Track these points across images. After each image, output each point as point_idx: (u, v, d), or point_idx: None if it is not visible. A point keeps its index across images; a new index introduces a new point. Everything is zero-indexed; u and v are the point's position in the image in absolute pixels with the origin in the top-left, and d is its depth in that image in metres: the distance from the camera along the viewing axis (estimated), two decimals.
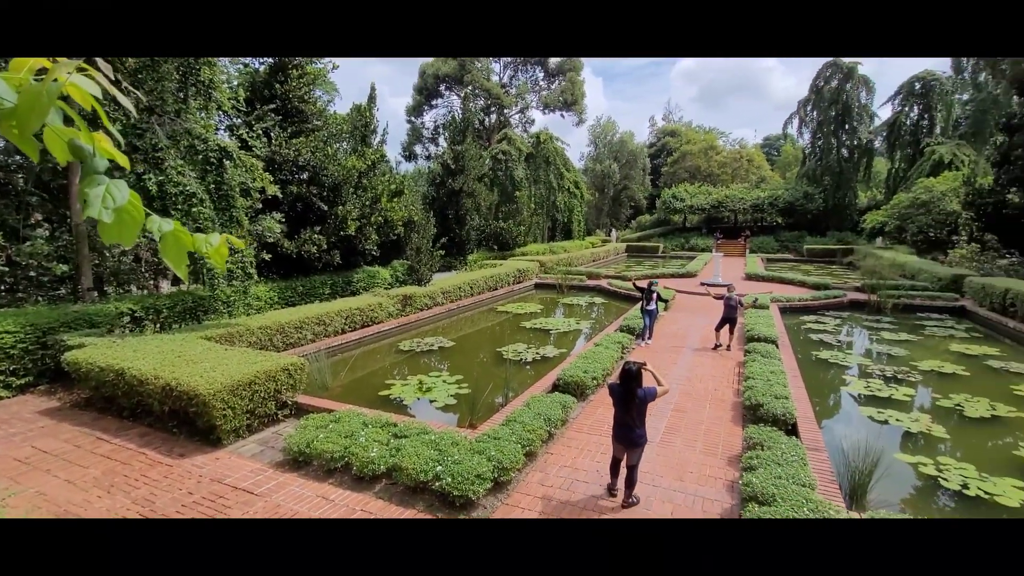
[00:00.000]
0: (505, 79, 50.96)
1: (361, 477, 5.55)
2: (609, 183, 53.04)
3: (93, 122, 6.96)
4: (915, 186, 30.39)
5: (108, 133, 1.27)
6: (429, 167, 35.29)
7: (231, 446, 6.51)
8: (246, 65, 15.07)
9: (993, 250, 20.68)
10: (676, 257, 37.70)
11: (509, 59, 50.80)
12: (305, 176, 14.97)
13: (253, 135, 13.57)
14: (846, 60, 40.59)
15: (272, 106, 14.38)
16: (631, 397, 4.83)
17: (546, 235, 37.99)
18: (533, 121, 51.23)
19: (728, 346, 11.08)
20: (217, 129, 13.52)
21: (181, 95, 10.43)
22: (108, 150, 1.17)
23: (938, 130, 37.95)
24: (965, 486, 5.85)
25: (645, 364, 5.08)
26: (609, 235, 46.60)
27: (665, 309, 15.33)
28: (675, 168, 55.04)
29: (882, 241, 32.60)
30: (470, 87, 44.38)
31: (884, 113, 41.56)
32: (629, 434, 4.88)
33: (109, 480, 5.65)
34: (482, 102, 47.01)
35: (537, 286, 22.35)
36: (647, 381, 5.09)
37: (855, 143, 40.44)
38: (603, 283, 21.00)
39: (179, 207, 9.50)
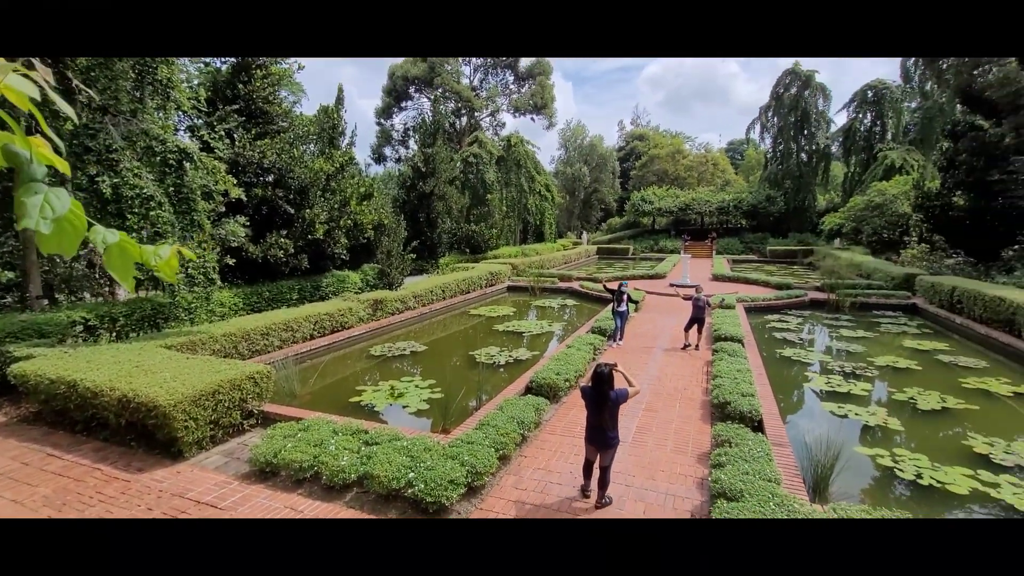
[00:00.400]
0: (476, 82, 50.92)
1: (331, 486, 5.43)
2: (580, 186, 53.60)
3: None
4: (869, 189, 31.79)
5: (47, 138, 1.20)
6: (399, 170, 34.95)
7: (193, 459, 6.27)
8: (207, 64, 14.59)
9: (941, 250, 21.81)
10: (646, 259, 38.35)
11: (479, 62, 50.82)
12: (271, 179, 14.60)
13: (215, 136, 13.16)
14: (804, 68, 42.21)
15: (235, 107, 13.97)
16: (603, 400, 4.87)
17: (518, 238, 38.09)
18: (504, 124, 51.38)
19: (697, 345, 11.32)
20: (177, 130, 13.05)
21: (137, 94, 10.02)
22: (46, 156, 1.11)
23: (889, 136, 39.78)
24: (919, 476, 6.13)
25: (616, 366, 5.13)
26: (580, 237, 47.06)
27: (636, 310, 15.57)
28: (643, 171, 56.04)
29: (840, 242, 33.95)
30: (440, 90, 44.19)
31: (840, 119, 43.21)
32: (602, 436, 4.92)
33: (61, 498, 5.35)
34: (452, 105, 46.86)
35: (510, 289, 22.37)
36: (618, 382, 5.15)
37: (813, 148, 42.03)
38: (575, 285, 21.18)
39: (136, 211, 9.11)
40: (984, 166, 18.69)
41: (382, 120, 50.93)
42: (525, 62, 50.22)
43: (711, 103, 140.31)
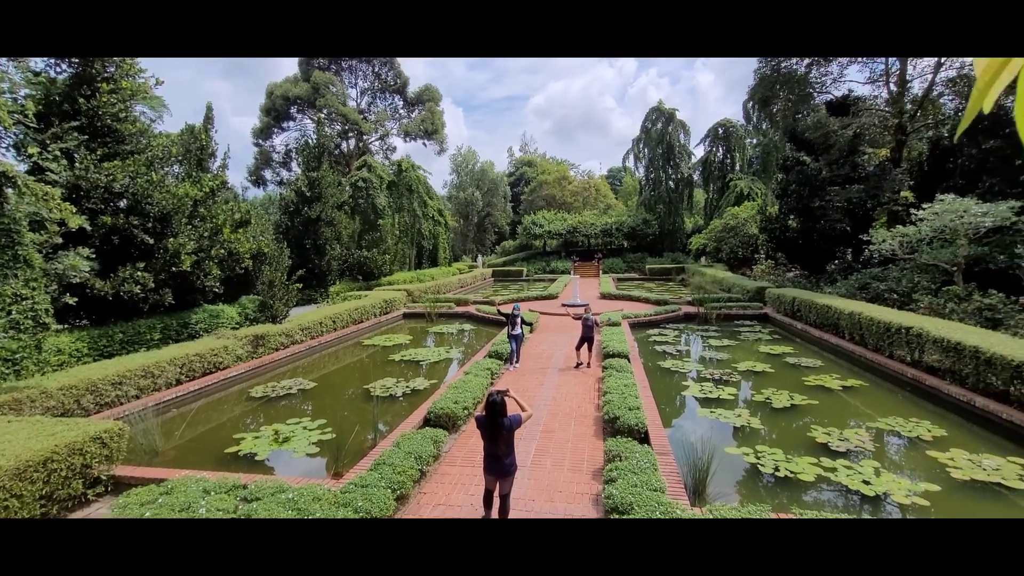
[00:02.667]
0: (363, 104, 49.88)
1: None
2: (473, 210, 54.44)
3: None
4: (725, 213, 36.30)
5: None
6: (281, 193, 32.73)
7: None
8: (37, 74, 12.56)
9: (783, 265, 25.46)
10: (539, 280, 39.78)
11: (366, 84, 49.95)
12: (123, 205, 12.84)
13: (48, 157, 11.30)
14: (667, 106, 47.39)
15: (75, 123, 12.15)
16: (498, 428, 4.90)
17: (412, 263, 37.49)
18: (395, 148, 50.77)
19: (588, 363, 11.91)
20: None
21: None
22: None
23: (738, 167, 45.94)
24: (777, 469, 6.97)
25: (508, 391, 5.21)
26: (476, 261, 47.61)
27: (531, 331, 16.01)
28: (533, 196, 58.55)
29: (705, 260, 38.16)
30: (325, 111, 42.58)
31: (699, 152, 49.02)
32: (499, 465, 4.93)
33: None
34: (339, 127, 45.34)
35: (406, 316, 21.84)
36: (512, 408, 5.21)
37: (679, 176, 47.11)
38: (471, 309, 21.28)
39: None
40: (808, 195, 22.27)
41: (260, 141, 47.68)
42: (413, 87, 50.38)
43: (593, 133, 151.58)
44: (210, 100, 18.67)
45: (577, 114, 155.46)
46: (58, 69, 12.96)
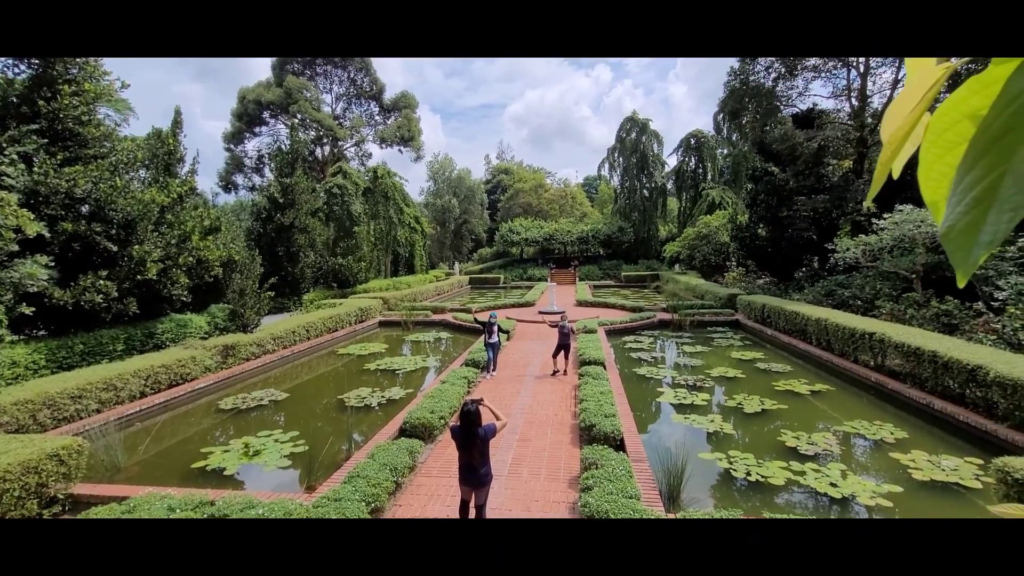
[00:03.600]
0: (338, 110, 49.38)
1: None
2: (450, 217, 54.34)
3: None
4: (698, 222, 37.10)
5: None
6: (253, 200, 32.08)
7: None
8: None
9: (753, 273, 26.11)
10: (516, 287, 39.85)
11: (341, 90, 49.50)
12: (85, 211, 12.39)
13: (4, 161, 10.83)
14: (640, 116, 48.32)
15: (35, 126, 11.69)
16: (472, 438, 4.87)
17: (388, 270, 37.13)
18: (370, 155, 50.32)
19: (564, 371, 11.96)
20: None
21: None
22: None
23: (710, 177, 47.07)
24: (748, 473, 7.11)
25: (482, 400, 5.19)
26: (453, 268, 47.43)
27: (508, 339, 16.01)
28: (510, 203, 58.75)
29: (679, 267, 38.86)
30: (299, 117, 42.01)
31: (672, 161, 50.08)
32: (474, 475, 4.90)
33: None
34: (313, 133, 44.75)
35: (381, 324, 21.58)
36: (486, 417, 5.19)
37: (653, 185, 47.97)
38: (448, 317, 21.16)
39: None
40: (777, 204, 22.99)
41: (232, 146, 46.66)
42: (390, 94, 50.14)
43: (569, 141, 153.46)
44: (179, 103, 18.23)
45: (553, 122, 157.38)
46: (16, 70, 12.47)
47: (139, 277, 12.92)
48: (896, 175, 0.71)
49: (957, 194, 0.42)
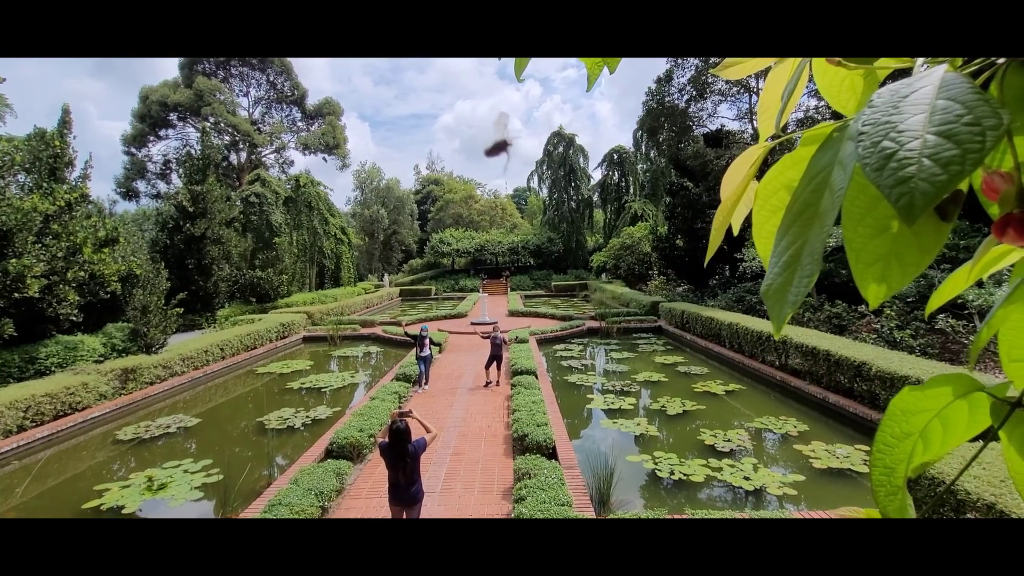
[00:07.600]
0: (256, 115, 46.84)
1: None
2: (379, 228, 53.02)
3: None
4: (622, 233, 38.80)
5: None
6: (158, 208, 29.54)
7: None
8: None
9: (673, 281, 27.68)
10: (448, 298, 39.54)
11: (260, 94, 47.07)
12: None
13: None
14: (567, 131, 50.03)
15: None
16: (402, 455, 4.74)
17: (313, 283, 35.52)
18: (293, 163, 48.19)
19: (497, 381, 12.01)
20: None
21: None
22: None
23: (632, 190, 49.51)
24: (672, 473, 7.50)
25: (411, 412, 5.09)
26: (382, 280, 46.19)
27: (440, 351, 15.83)
28: (440, 214, 58.36)
29: (605, 276, 40.40)
30: (211, 120, 39.37)
31: (597, 175, 52.18)
32: (404, 493, 4.77)
33: None
34: (228, 138, 42.10)
35: (306, 339, 20.57)
36: (416, 430, 5.06)
37: (580, 197, 49.72)
38: (378, 330, 20.59)
39: None
40: (692, 217, 24.60)
41: (133, 149, 42.81)
42: (313, 100, 48.34)
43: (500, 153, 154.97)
44: (70, 101, 16.46)
45: (485, 134, 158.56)
46: None
47: (16, 295, 11.45)
48: (736, 232, 0.82)
49: (774, 256, 0.50)
